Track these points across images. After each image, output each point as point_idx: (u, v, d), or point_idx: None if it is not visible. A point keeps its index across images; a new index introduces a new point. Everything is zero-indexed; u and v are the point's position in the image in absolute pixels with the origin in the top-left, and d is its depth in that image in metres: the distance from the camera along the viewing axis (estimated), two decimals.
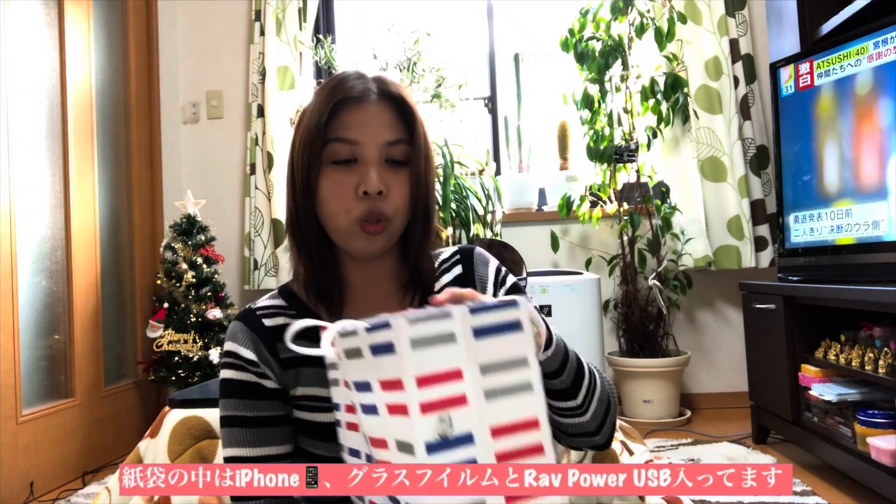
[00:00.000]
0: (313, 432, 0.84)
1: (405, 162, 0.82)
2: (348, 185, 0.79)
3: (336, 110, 0.80)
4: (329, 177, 0.80)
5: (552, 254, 3.01)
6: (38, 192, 2.28)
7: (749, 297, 2.35)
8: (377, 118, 0.81)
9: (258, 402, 0.82)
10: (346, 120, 0.80)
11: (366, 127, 0.80)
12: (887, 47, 1.86)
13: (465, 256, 0.93)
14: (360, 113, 0.80)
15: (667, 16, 2.76)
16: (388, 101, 0.82)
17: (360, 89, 0.81)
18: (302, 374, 0.84)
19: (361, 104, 0.81)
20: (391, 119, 0.81)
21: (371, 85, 0.82)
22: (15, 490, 2.04)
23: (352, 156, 0.80)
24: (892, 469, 1.59)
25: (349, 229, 0.80)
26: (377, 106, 0.81)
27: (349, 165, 0.80)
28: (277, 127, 3.03)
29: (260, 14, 3.09)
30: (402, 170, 0.82)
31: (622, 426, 1.52)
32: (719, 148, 2.81)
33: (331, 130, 0.80)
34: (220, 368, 0.85)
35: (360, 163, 0.80)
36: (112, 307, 2.65)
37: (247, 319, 0.85)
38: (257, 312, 0.86)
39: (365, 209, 0.79)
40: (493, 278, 0.91)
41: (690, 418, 2.75)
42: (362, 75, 0.83)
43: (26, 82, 2.25)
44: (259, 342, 0.83)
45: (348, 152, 0.80)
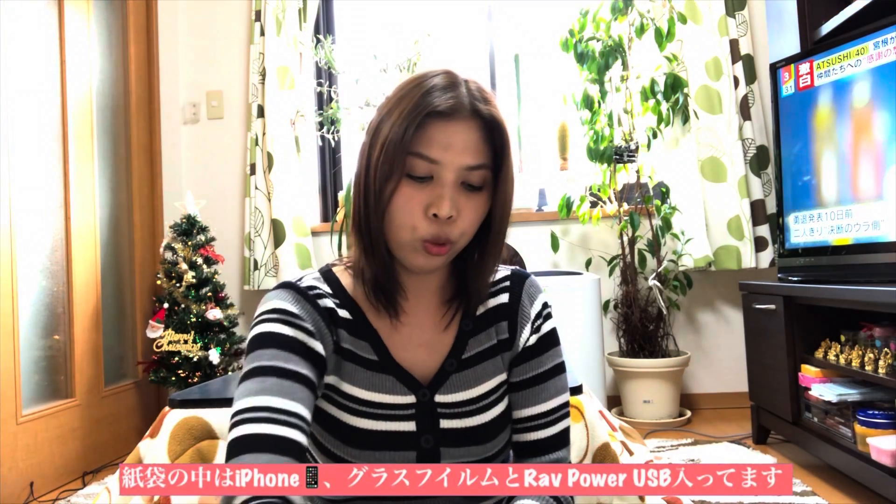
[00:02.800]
0: (334, 429, 0.82)
1: (480, 187, 0.79)
2: (420, 202, 0.76)
3: (422, 123, 0.76)
4: (403, 190, 0.77)
5: (552, 254, 3.01)
6: (38, 192, 2.28)
7: (749, 297, 2.35)
8: (463, 140, 0.77)
9: (300, 360, 0.76)
10: (431, 136, 0.76)
11: (450, 149, 0.76)
12: (887, 47, 1.86)
13: (515, 284, 0.90)
14: (447, 131, 0.76)
15: (667, 16, 2.76)
16: (477, 120, 0.78)
17: (450, 104, 0.76)
18: (345, 367, 0.83)
19: (449, 121, 0.76)
20: (477, 142, 0.78)
21: (463, 98, 0.77)
22: (15, 490, 2.04)
23: (429, 174, 0.77)
24: (892, 469, 1.59)
25: (412, 245, 0.78)
26: (465, 126, 0.77)
27: (424, 182, 0.77)
28: (277, 127, 3.03)
29: (260, 14, 3.09)
30: (475, 194, 0.79)
31: (622, 426, 1.52)
32: (719, 148, 2.81)
33: (414, 143, 0.76)
34: (259, 324, 0.78)
35: (436, 182, 0.77)
36: (112, 307, 2.65)
37: (296, 289, 0.81)
38: (309, 291, 0.82)
39: (433, 232, 0.77)
40: (533, 320, 0.88)
41: (690, 418, 2.75)
42: (453, 83, 0.78)
43: (26, 82, 2.25)
44: (310, 307, 0.80)
45: (426, 170, 0.76)
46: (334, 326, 0.83)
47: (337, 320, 0.83)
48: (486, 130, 0.78)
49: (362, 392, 0.82)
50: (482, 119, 0.78)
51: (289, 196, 3.02)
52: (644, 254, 2.85)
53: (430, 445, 0.82)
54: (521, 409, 0.87)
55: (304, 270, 2.96)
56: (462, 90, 0.78)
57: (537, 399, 0.86)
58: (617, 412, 2.82)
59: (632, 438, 1.51)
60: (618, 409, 2.86)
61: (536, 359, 0.87)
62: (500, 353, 0.87)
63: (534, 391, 0.87)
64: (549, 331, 0.89)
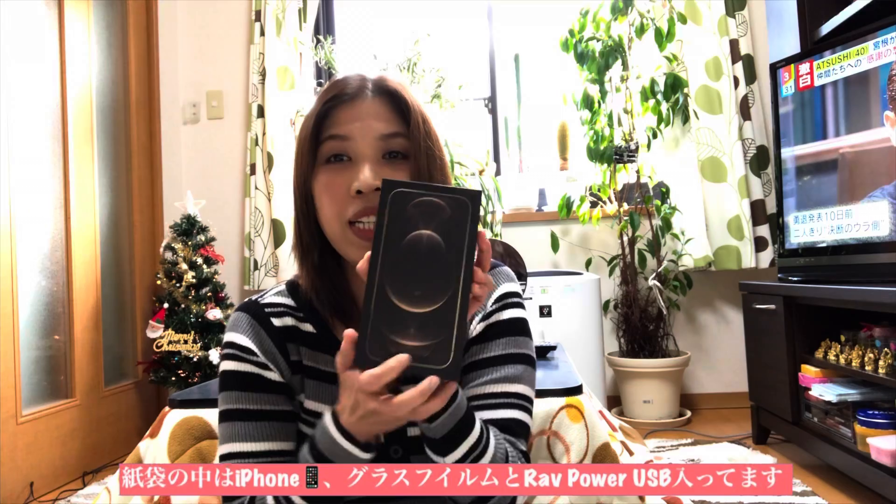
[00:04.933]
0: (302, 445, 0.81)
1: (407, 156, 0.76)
2: (341, 184, 0.74)
3: (329, 108, 0.76)
4: (321, 179, 0.76)
5: (552, 254, 3.01)
6: (39, 192, 2.28)
7: (749, 297, 2.35)
8: (370, 112, 0.75)
9: (260, 395, 0.77)
10: (338, 117, 0.76)
11: (357, 122, 0.75)
12: (887, 47, 1.86)
13: None
14: (353, 110, 0.75)
15: (667, 16, 2.76)
16: (384, 97, 0.77)
17: (354, 87, 0.77)
18: (307, 384, 0.81)
19: (355, 101, 0.76)
20: (386, 112, 0.76)
21: (367, 83, 0.77)
22: (15, 490, 2.04)
23: (343, 152, 0.75)
24: (892, 469, 1.59)
25: (343, 235, 0.74)
26: (371, 101, 0.76)
27: (343, 164, 0.75)
28: (277, 127, 3.03)
29: (260, 14, 3.09)
30: (403, 163, 0.76)
31: (622, 426, 1.52)
32: (719, 148, 2.81)
33: (323, 130, 0.76)
34: (220, 360, 0.80)
35: (354, 161, 0.75)
36: (112, 307, 2.65)
37: (251, 311, 0.81)
38: (266, 309, 0.81)
39: (359, 208, 0.73)
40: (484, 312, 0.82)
41: (690, 418, 2.75)
42: (362, 76, 0.79)
43: (26, 82, 2.25)
44: (262, 332, 0.79)
45: (339, 148, 0.75)
46: (295, 344, 0.81)
47: (297, 337, 0.81)
48: (395, 104, 0.77)
49: (324, 407, 0.80)
50: (388, 95, 0.77)
51: (289, 196, 3.03)
52: (644, 254, 2.85)
53: (398, 455, 0.81)
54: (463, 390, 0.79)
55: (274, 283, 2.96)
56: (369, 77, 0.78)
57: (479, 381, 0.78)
58: (617, 412, 2.82)
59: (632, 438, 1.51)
60: (618, 409, 2.86)
61: (482, 344, 0.80)
62: None
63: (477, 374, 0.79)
64: (506, 318, 0.82)
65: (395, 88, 0.77)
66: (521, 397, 0.79)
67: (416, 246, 0.60)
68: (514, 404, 0.78)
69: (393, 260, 0.60)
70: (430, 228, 0.61)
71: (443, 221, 0.61)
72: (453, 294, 0.60)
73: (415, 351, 0.59)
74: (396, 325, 0.59)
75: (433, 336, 0.59)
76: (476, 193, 0.61)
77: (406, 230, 0.60)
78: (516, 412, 0.78)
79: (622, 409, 2.82)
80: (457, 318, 0.60)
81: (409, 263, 0.60)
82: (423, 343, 0.59)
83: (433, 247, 0.60)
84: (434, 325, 0.59)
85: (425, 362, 0.59)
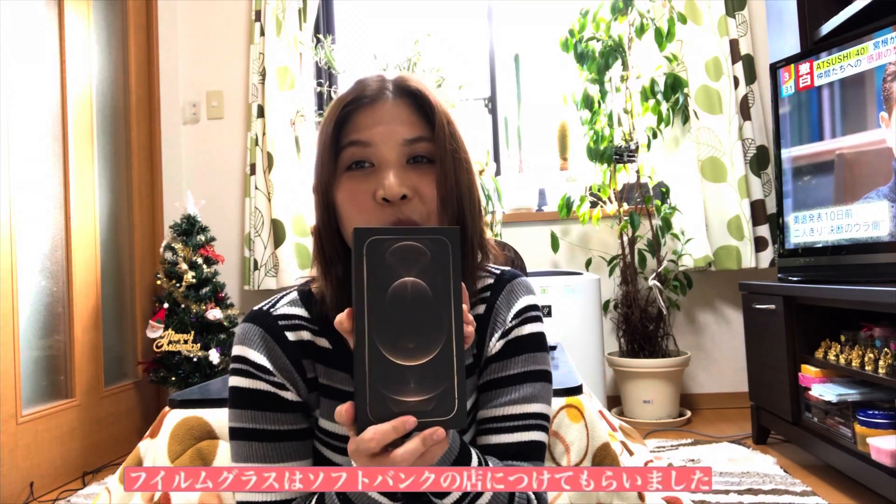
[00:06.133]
0: (317, 463, 0.79)
1: (434, 160, 0.73)
2: (365, 192, 0.70)
3: (349, 112, 0.72)
4: (344, 187, 0.72)
5: (552, 254, 3.01)
6: (38, 192, 2.28)
7: (749, 297, 2.35)
8: (392, 116, 0.72)
9: (277, 415, 0.74)
10: (358, 122, 0.72)
11: (380, 126, 0.71)
12: (887, 47, 1.86)
13: (495, 292, 0.81)
14: (373, 113, 0.72)
15: (667, 16, 2.76)
16: (405, 98, 0.73)
17: (374, 88, 0.73)
18: (322, 403, 0.78)
19: (375, 104, 0.72)
20: (409, 116, 0.72)
21: (388, 84, 0.74)
22: (15, 490, 2.04)
23: (366, 158, 0.71)
24: (892, 469, 1.59)
25: None
26: (393, 104, 0.72)
27: (365, 171, 0.71)
28: (277, 127, 3.03)
29: (260, 14, 3.09)
30: (430, 168, 0.72)
31: (622, 426, 1.52)
32: (719, 148, 2.81)
33: (343, 135, 0.72)
34: (229, 374, 0.76)
35: (378, 167, 0.71)
36: (112, 307, 2.65)
37: (264, 323, 0.76)
38: (279, 322, 0.77)
39: (388, 219, 0.69)
40: (504, 328, 0.80)
41: (690, 419, 2.75)
42: (381, 76, 0.75)
43: (26, 82, 2.25)
44: (277, 349, 0.75)
45: (361, 154, 0.71)
46: (311, 361, 0.77)
47: (313, 352, 0.78)
48: (417, 106, 0.73)
49: (338, 427, 0.77)
50: (411, 96, 0.73)
51: (289, 196, 3.02)
52: (644, 254, 2.85)
53: None
54: (482, 410, 0.79)
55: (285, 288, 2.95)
56: (388, 78, 0.75)
57: (499, 401, 0.77)
58: (617, 412, 2.82)
59: (632, 438, 1.51)
60: (618, 409, 2.86)
61: (502, 361, 0.79)
62: (473, 372, 0.80)
63: (496, 393, 0.78)
64: (526, 334, 0.80)
65: (417, 89, 0.74)
66: (539, 416, 0.78)
67: (401, 296, 0.57)
68: (534, 425, 0.77)
69: (380, 314, 0.56)
70: (413, 275, 0.57)
71: (425, 266, 0.57)
72: (447, 340, 0.57)
73: (419, 406, 0.56)
74: (395, 382, 0.56)
75: (434, 387, 0.57)
76: (454, 231, 0.58)
77: (388, 281, 0.57)
78: (535, 433, 0.77)
79: (622, 409, 2.82)
80: (455, 364, 0.57)
81: (397, 316, 0.56)
82: (425, 396, 0.57)
83: (419, 294, 0.57)
84: (433, 377, 0.57)
85: (431, 416, 0.57)
